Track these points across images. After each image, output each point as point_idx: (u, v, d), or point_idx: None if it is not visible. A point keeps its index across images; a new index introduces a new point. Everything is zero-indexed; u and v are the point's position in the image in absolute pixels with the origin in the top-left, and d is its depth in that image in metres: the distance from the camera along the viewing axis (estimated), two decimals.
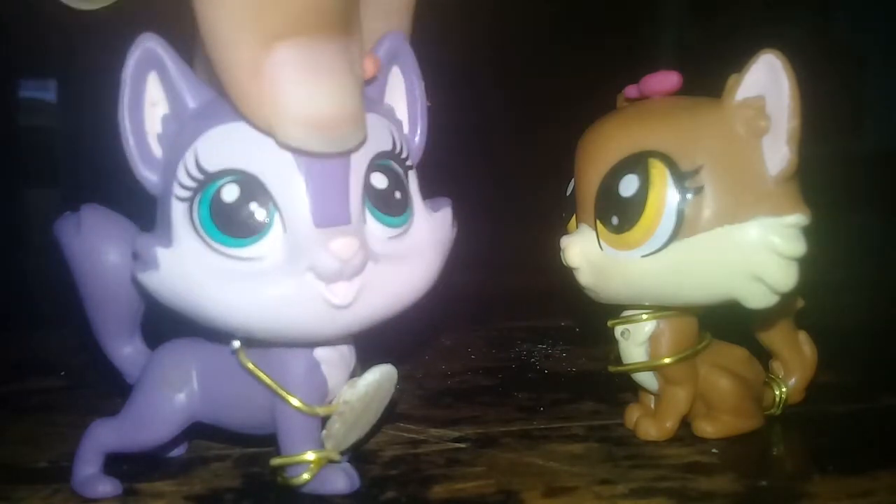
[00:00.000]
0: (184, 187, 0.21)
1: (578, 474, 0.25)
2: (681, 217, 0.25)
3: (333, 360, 0.24)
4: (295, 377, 0.23)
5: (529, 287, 0.54)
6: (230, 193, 0.21)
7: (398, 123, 0.24)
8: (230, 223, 0.21)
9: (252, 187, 0.21)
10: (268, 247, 0.21)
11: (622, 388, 0.32)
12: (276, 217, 0.21)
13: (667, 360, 0.27)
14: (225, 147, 0.21)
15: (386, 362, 0.24)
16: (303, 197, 0.21)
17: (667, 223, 0.25)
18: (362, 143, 0.21)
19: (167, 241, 0.21)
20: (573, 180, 0.28)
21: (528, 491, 0.24)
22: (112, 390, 0.26)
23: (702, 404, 0.28)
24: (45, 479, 0.26)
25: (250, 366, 0.23)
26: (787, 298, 0.25)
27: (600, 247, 0.26)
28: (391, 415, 0.30)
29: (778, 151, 0.24)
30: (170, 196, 0.21)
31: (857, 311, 0.45)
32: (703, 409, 0.28)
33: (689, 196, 0.25)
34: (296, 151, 0.20)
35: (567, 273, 0.27)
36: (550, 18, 1.03)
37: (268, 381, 0.23)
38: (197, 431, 0.25)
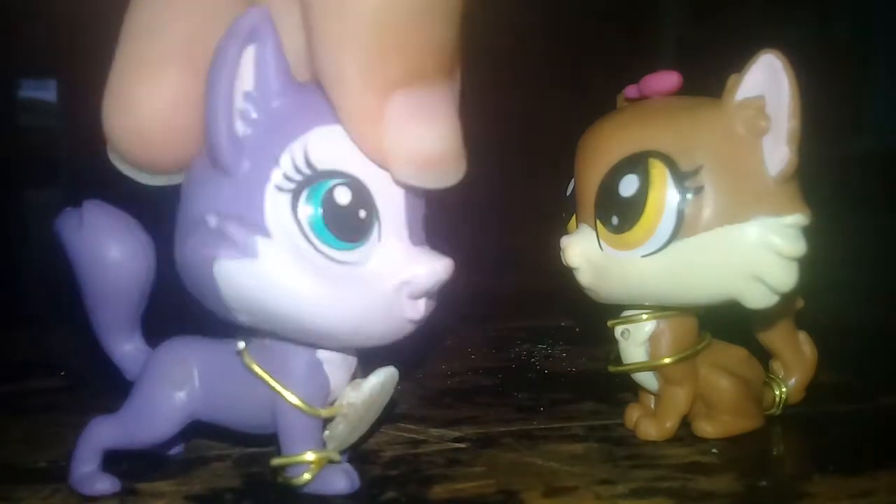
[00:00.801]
0: (288, 178, 0.21)
1: (578, 474, 0.25)
2: (681, 217, 0.25)
3: (336, 361, 0.24)
4: (297, 377, 0.23)
5: (529, 287, 0.54)
6: (343, 196, 0.21)
7: None
8: (342, 225, 0.21)
9: (362, 193, 0.21)
10: (365, 254, 0.21)
11: (622, 388, 0.32)
12: (377, 227, 0.22)
13: (667, 360, 0.27)
14: (336, 147, 0.21)
15: (386, 363, 0.24)
16: (402, 212, 0.22)
17: (667, 223, 0.25)
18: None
19: (263, 230, 0.21)
20: (573, 180, 0.28)
21: (528, 491, 0.24)
22: (112, 390, 0.26)
23: (702, 404, 0.28)
24: (44, 478, 0.26)
25: (255, 367, 0.23)
26: (787, 298, 0.25)
27: (600, 247, 0.26)
28: (391, 415, 0.30)
29: (778, 151, 0.24)
30: (263, 183, 0.21)
31: (857, 311, 0.45)
32: (703, 409, 0.28)
33: (689, 196, 0.25)
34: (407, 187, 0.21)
35: (567, 273, 0.27)
36: (551, 18, 1.03)
37: (272, 382, 0.23)
38: (197, 431, 0.25)
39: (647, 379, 0.28)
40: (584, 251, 0.27)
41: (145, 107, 0.21)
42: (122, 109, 0.22)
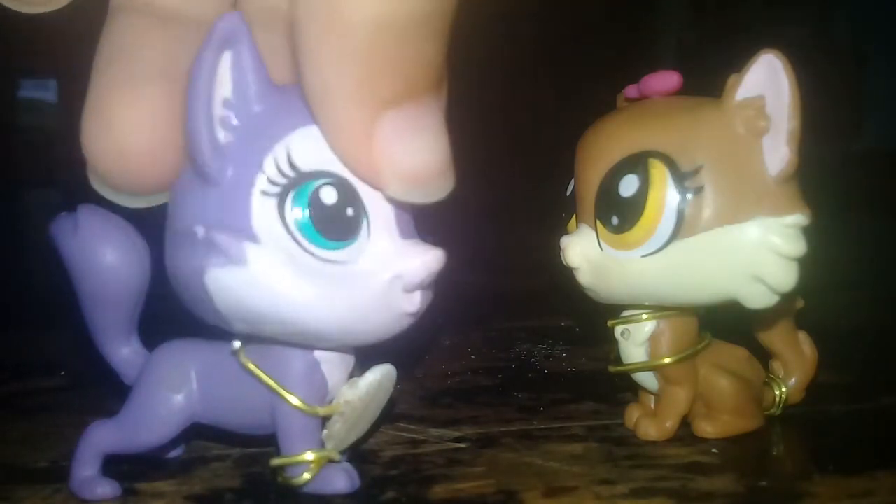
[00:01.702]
0: (273, 182, 0.21)
1: (578, 474, 0.25)
2: (681, 217, 0.25)
3: (333, 360, 0.24)
4: (295, 377, 0.23)
5: (529, 287, 0.54)
6: (329, 195, 0.21)
7: None
8: (329, 225, 0.21)
9: (349, 192, 0.21)
10: (356, 252, 0.21)
11: (622, 388, 0.32)
12: (365, 223, 0.22)
13: (667, 360, 0.27)
14: (319, 147, 0.21)
15: (385, 362, 0.24)
16: (389, 207, 0.22)
17: (667, 223, 0.25)
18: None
19: (252, 236, 0.21)
20: (573, 180, 0.28)
21: (528, 491, 0.24)
22: (112, 390, 0.26)
23: (702, 404, 0.28)
24: (45, 479, 0.26)
25: (251, 366, 0.23)
26: (787, 298, 0.25)
27: (600, 247, 0.26)
28: (391, 415, 0.30)
29: (778, 151, 0.24)
30: (248, 189, 0.21)
31: (857, 311, 0.45)
32: (703, 409, 0.28)
33: (689, 196, 0.25)
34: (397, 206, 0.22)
35: (567, 273, 0.27)
36: (551, 19, 1.03)
37: (269, 381, 0.23)
38: (197, 432, 0.25)
39: (647, 379, 0.28)
40: (584, 251, 0.27)
41: (125, 127, 0.21)
42: (101, 131, 0.22)
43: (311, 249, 0.21)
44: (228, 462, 0.27)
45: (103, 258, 0.23)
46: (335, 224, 0.21)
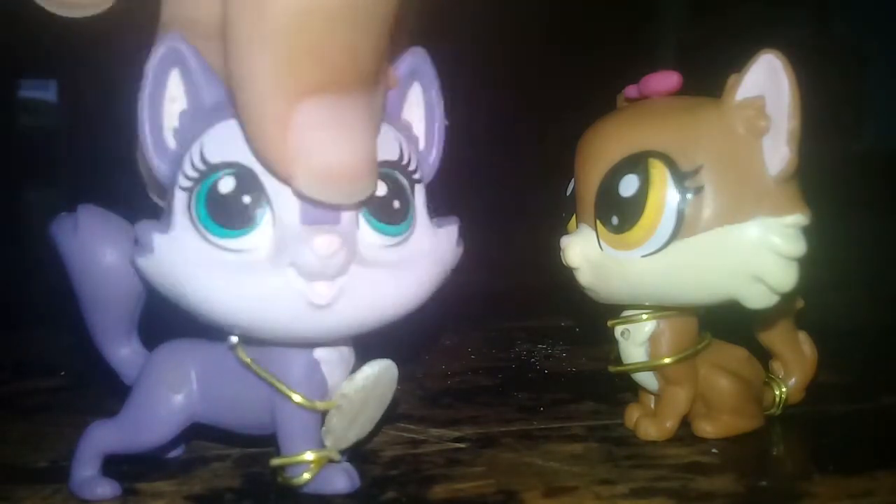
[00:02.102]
0: (187, 178, 0.21)
1: (578, 474, 0.25)
2: (681, 217, 0.25)
3: (333, 360, 0.24)
4: (295, 376, 0.23)
5: (529, 287, 0.54)
6: (226, 185, 0.21)
7: (413, 139, 0.24)
8: (223, 213, 0.21)
9: (247, 180, 0.21)
10: (257, 241, 0.21)
11: (622, 388, 0.32)
12: (268, 212, 0.21)
13: (667, 360, 0.27)
14: (228, 141, 0.21)
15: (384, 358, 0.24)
16: (294, 194, 0.21)
17: (667, 223, 0.25)
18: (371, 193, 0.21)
19: (165, 227, 0.22)
20: (573, 180, 0.28)
21: (528, 491, 0.24)
22: (112, 391, 0.26)
23: (702, 404, 0.28)
24: (45, 478, 0.26)
25: (248, 361, 0.23)
26: (787, 298, 0.25)
27: (600, 247, 0.26)
28: (391, 415, 0.30)
29: (778, 151, 0.24)
30: (174, 186, 0.22)
31: (857, 311, 0.46)
32: (703, 409, 0.28)
33: (689, 196, 0.25)
34: (308, 200, 0.21)
35: (567, 273, 0.27)
36: (552, 20, 1.03)
37: (266, 376, 0.23)
38: (197, 432, 0.25)
39: (647, 379, 0.28)
40: (584, 251, 0.27)
41: None
42: None
43: (212, 239, 0.21)
44: (228, 462, 0.27)
45: (103, 258, 0.24)
46: (229, 212, 0.21)
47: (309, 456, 0.24)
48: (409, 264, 0.23)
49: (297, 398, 0.23)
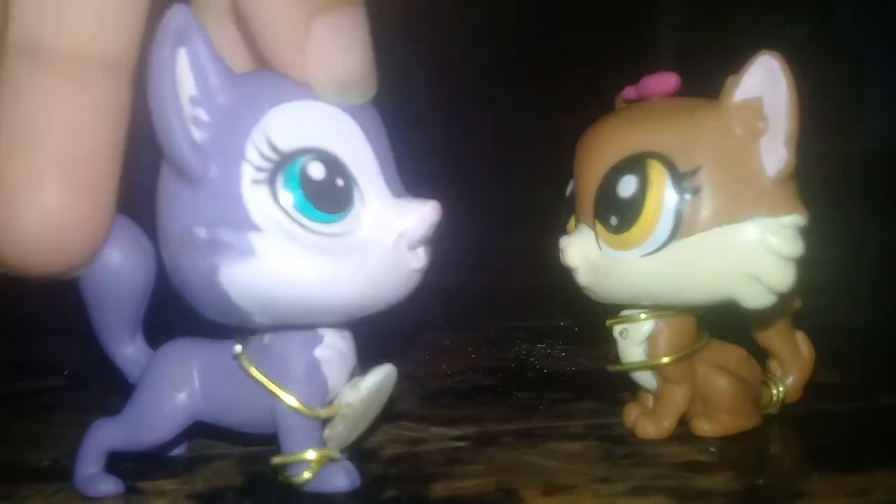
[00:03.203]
0: (259, 169, 0.21)
1: (577, 473, 0.26)
2: (679, 217, 0.25)
3: (334, 360, 0.24)
4: (295, 378, 0.23)
5: (529, 287, 0.54)
6: (317, 171, 0.21)
7: None
8: (323, 199, 0.21)
9: (334, 162, 0.21)
10: (354, 220, 0.22)
11: (621, 387, 0.32)
12: (356, 191, 0.22)
13: (665, 360, 0.28)
14: (295, 126, 0.21)
15: (386, 362, 0.25)
16: (375, 168, 0.22)
17: (665, 223, 0.25)
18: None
19: (253, 225, 0.21)
20: (573, 181, 0.28)
21: (527, 489, 0.24)
22: (114, 390, 0.26)
23: (700, 403, 0.29)
24: (47, 477, 0.26)
25: (253, 371, 0.23)
26: (784, 298, 0.25)
27: (599, 247, 0.26)
28: (392, 414, 0.30)
29: (775, 152, 0.24)
30: (237, 181, 0.21)
31: (854, 311, 0.46)
32: (701, 408, 0.29)
33: (687, 196, 0.25)
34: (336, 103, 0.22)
35: (566, 273, 0.28)
36: (551, 21, 1.03)
37: (270, 385, 0.23)
38: (199, 430, 0.26)
39: (646, 378, 0.29)
40: (584, 251, 0.27)
41: (30, 227, 0.21)
42: (4, 230, 0.21)
43: (313, 227, 0.21)
44: (230, 461, 0.27)
45: (108, 259, 0.23)
46: (329, 197, 0.21)
47: (310, 455, 0.24)
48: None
49: (299, 406, 0.23)
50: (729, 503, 0.23)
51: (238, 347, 0.24)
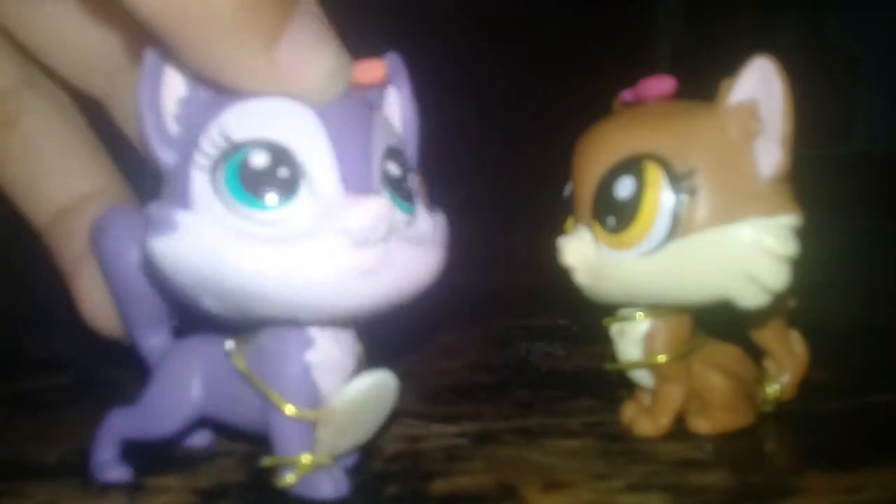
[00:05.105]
0: (207, 156, 0.21)
1: (576, 469, 0.26)
2: (675, 218, 0.25)
3: (326, 366, 0.24)
4: (287, 381, 0.23)
5: (528, 286, 0.54)
6: (259, 159, 0.21)
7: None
8: (259, 187, 0.21)
9: (280, 154, 0.21)
10: (296, 211, 0.21)
11: (618, 385, 0.32)
12: (304, 182, 0.21)
13: (661, 358, 0.28)
14: (250, 119, 0.22)
15: (386, 364, 0.25)
16: (331, 163, 0.22)
17: (662, 224, 0.25)
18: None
19: (184, 203, 0.21)
20: (570, 182, 0.28)
21: (526, 486, 0.25)
22: (118, 388, 0.26)
23: (696, 401, 0.29)
24: (54, 474, 0.26)
25: (243, 366, 0.24)
26: (779, 298, 0.25)
27: (597, 247, 0.27)
28: (392, 412, 0.30)
29: (770, 154, 0.25)
30: (188, 167, 0.22)
31: (848, 310, 0.46)
32: (697, 406, 0.29)
33: (683, 197, 0.25)
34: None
35: (565, 273, 0.28)
36: (549, 23, 1.04)
37: (259, 383, 0.23)
38: (205, 426, 0.26)
39: (643, 376, 0.29)
40: (581, 251, 0.27)
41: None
42: None
43: (246, 212, 0.21)
44: (234, 457, 0.27)
45: (131, 258, 0.24)
46: (267, 185, 0.21)
47: (300, 459, 0.24)
48: (423, 241, 0.23)
49: (287, 409, 0.23)
50: (724, 499, 0.24)
51: (230, 344, 0.24)
